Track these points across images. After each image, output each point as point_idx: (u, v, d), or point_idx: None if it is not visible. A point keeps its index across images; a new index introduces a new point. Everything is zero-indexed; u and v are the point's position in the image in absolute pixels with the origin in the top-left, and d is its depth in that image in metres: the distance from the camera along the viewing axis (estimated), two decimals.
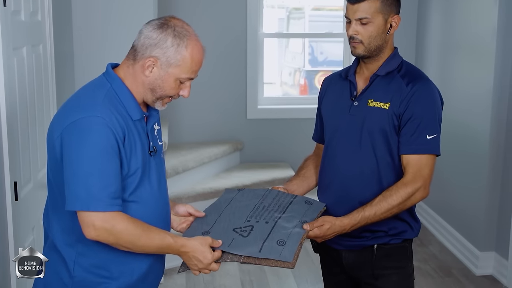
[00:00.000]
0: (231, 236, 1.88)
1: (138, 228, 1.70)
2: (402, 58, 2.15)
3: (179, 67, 1.74)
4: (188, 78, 1.77)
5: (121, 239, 1.69)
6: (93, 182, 1.64)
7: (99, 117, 1.66)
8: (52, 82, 3.00)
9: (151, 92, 1.77)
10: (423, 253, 4.29)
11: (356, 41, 2.06)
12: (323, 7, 6.58)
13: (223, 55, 4.99)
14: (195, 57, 1.76)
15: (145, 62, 1.73)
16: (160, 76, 1.75)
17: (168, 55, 1.73)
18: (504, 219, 3.82)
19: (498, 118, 3.82)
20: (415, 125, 2.03)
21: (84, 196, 1.64)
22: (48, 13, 2.96)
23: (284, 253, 1.81)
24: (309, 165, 2.34)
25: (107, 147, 1.66)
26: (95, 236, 1.67)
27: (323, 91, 2.30)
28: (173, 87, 1.77)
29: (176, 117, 5.03)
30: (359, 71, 2.18)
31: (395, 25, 2.08)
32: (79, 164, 1.65)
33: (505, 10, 3.72)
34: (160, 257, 1.90)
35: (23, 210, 2.49)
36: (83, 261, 1.76)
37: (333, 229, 1.98)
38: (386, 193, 2.02)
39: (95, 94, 1.74)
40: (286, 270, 4.04)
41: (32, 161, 2.64)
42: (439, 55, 4.68)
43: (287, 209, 2.02)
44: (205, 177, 4.65)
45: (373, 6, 2.02)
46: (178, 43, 1.73)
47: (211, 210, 2.05)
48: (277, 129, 5.17)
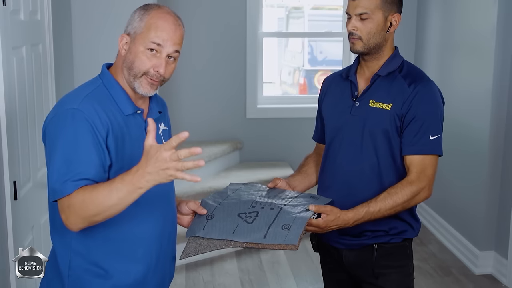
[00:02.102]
0: (236, 221, 1.88)
1: (89, 192, 1.59)
2: (403, 58, 2.15)
3: (142, 34, 1.73)
4: (154, 43, 1.71)
5: (84, 211, 1.58)
6: (65, 170, 1.62)
7: (76, 109, 1.66)
8: (51, 82, 3.00)
9: (127, 71, 1.75)
10: (422, 252, 4.29)
11: (355, 37, 2.06)
12: (323, 7, 6.59)
13: (223, 54, 4.99)
14: (159, 23, 1.73)
15: (120, 41, 1.76)
16: (131, 50, 1.74)
17: (134, 26, 1.74)
18: (504, 218, 3.83)
19: (498, 117, 3.82)
20: (418, 126, 2.03)
21: (57, 186, 1.62)
22: (48, 13, 2.96)
23: (289, 237, 1.81)
24: (310, 163, 2.34)
25: (82, 138, 1.63)
26: (71, 225, 1.60)
27: (323, 91, 2.29)
28: (142, 60, 1.72)
29: (175, 116, 5.02)
30: (359, 71, 2.17)
31: (395, 23, 2.07)
32: (54, 155, 1.65)
33: (504, 9, 3.72)
34: (164, 256, 1.87)
35: (23, 209, 2.49)
36: (78, 259, 1.75)
37: (336, 222, 1.97)
38: (391, 190, 2.01)
39: (82, 90, 1.75)
40: (286, 269, 4.04)
41: (32, 161, 2.64)
42: (438, 54, 4.68)
43: (293, 200, 2.03)
44: (204, 177, 4.65)
45: (374, 2, 2.03)
46: (143, 13, 1.75)
47: (213, 198, 2.04)
48: (277, 128, 5.17)
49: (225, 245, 1.84)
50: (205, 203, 1.99)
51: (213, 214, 1.93)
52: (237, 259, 4.20)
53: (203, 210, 1.94)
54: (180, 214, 1.98)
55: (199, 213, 1.94)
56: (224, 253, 4.25)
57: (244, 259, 4.21)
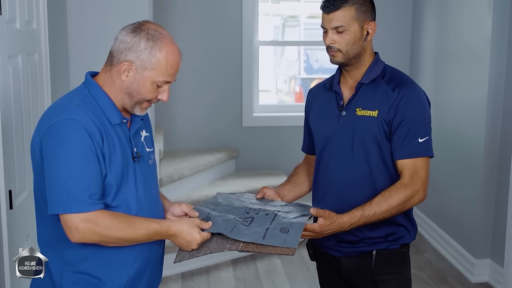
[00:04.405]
0: (232, 223, 1.87)
1: (121, 221, 1.69)
2: (384, 63, 2.16)
3: (154, 70, 1.74)
4: (164, 81, 1.76)
5: (107, 236, 1.68)
6: (73, 184, 1.64)
7: (74, 119, 1.67)
8: (47, 91, 3.00)
9: (128, 97, 1.77)
10: (419, 260, 4.29)
11: (334, 50, 2.07)
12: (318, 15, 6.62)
13: (219, 63, 5.00)
14: (170, 59, 1.75)
15: (121, 66, 1.74)
16: (136, 80, 1.74)
17: (143, 59, 1.72)
18: (500, 227, 3.83)
19: (493, 126, 3.84)
20: (406, 130, 2.04)
21: (65, 199, 1.64)
22: (44, 22, 2.97)
23: (289, 240, 1.81)
24: (299, 172, 2.35)
25: (85, 149, 1.66)
26: (79, 238, 1.66)
27: (309, 103, 2.30)
28: (149, 91, 1.76)
29: (171, 125, 5.03)
30: (343, 80, 2.18)
31: (372, 31, 2.09)
32: (58, 167, 1.65)
33: (499, 18, 3.74)
34: (153, 259, 1.88)
35: (18, 218, 2.48)
36: (70, 269, 1.75)
37: (332, 226, 1.97)
38: (386, 193, 2.02)
39: (72, 99, 1.75)
40: (282, 278, 4.03)
41: (27, 170, 2.63)
42: (433, 64, 4.69)
43: (284, 207, 2.03)
44: (200, 185, 4.65)
45: (348, 14, 2.03)
46: (151, 45, 1.72)
47: (207, 203, 2.03)
48: (273, 136, 5.17)
49: (220, 249, 1.83)
50: (198, 209, 1.98)
51: (209, 217, 1.92)
52: (233, 268, 4.19)
53: (195, 213, 1.95)
54: (171, 216, 1.97)
55: (191, 216, 1.94)
56: (220, 262, 4.24)
57: (240, 268, 4.20)
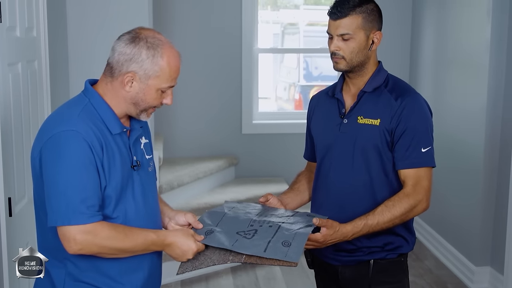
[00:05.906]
0: (235, 237, 1.88)
1: (120, 232, 1.70)
2: (387, 72, 2.16)
3: (158, 77, 1.74)
4: (169, 86, 1.78)
5: (105, 247, 1.68)
6: (72, 195, 1.64)
7: (74, 130, 1.67)
8: (47, 98, 3.00)
9: (134, 106, 1.77)
10: (418, 268, 4.28)
11: (338, 56, 2.07)
12: (318, 23, 6.62)
13: (218, 70, 5.01)
14: (172, 64, 1.76)
15: (124, 78, 1.73)
16: (141, 89, 1.75)
17: (146, 68, 1.73)
18: (499, 234, 3.82)
19: (492, 133, 3.84)
20: (409, 139, 2.04)
21: (64, 211, 1.63)
22: (44, 29, 2.97)
23: (290, 254, 1.81)
24: (302, 180, 2.34)
25: (84, 160, 1.66)
26: (77, 250, 1.66)
27: (311, 110, 2.30)
28: (155, 98, 1.77)
29: (171, 132, 5.03)
30: (345, 88, 2.18)
31: (377, 41, 2.09)
32: (57, 178, 1.65)
33: (498, 26, 3.75)
34: (154, 269, 1.88)
35: (17, 226, 2.48)
36: (73, 280, 1.74)
37: (335, 236, 1.96)
38: (389, 203, 2.01)
39: (72, 109, 1.75)
40: (282, 285, 4.02)
41: (27, 177, 2.63)
42: (433, 71, 4.70)
43: (290, 218, 2.02)
44: (200, 192, 4.64)
45: (355, 22, 2.03)
46: (153, 54, 1.73)
47: (210, 216, 2.03)
48: (272, 144, 5.17)
49: (223, 260, 1.83)
50: (203, 221, 1.99)
51: (212, 230, 1.92)
52: (232, 276, 4.18)
53: (199, 224, 1.95)
54: (175, 224, 1.97)
55: (195, 227, 1.94)
56: (220, 270, 4.23)
57: (240, 275, 4.19)
